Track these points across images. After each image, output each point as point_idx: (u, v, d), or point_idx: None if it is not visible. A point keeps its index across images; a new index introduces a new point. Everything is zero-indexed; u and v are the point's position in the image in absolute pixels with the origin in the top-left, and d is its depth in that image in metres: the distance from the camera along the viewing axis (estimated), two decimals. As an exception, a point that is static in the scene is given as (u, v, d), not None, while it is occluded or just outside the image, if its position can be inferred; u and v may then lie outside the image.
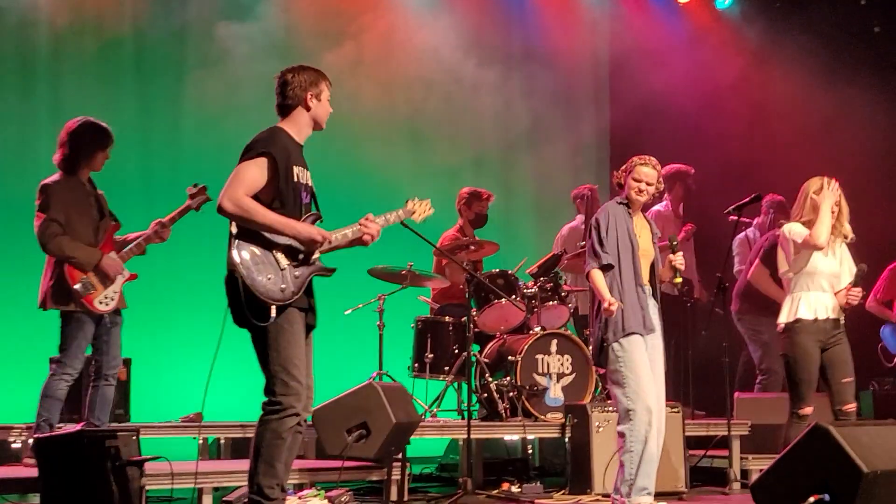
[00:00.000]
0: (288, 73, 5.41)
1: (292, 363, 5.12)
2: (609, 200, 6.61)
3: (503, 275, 8.70)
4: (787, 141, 10.49)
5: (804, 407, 6.68)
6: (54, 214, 6.62)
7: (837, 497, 4.96)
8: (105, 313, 6.65)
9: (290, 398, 5.10)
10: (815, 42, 10.55)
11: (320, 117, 5.45)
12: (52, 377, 6.64)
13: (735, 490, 7.79)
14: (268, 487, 5.12)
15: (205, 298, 9.75)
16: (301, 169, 5.33)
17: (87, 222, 6.74)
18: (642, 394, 6.17)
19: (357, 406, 6.83)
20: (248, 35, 10.62)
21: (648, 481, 6.21)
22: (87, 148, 6.77)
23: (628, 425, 6.20)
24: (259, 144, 5.21)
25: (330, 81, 5.51)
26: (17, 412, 8.08)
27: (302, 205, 5.31)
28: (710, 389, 8.82)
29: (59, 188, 6.72)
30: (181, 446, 7.83)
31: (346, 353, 10.07)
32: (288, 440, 5.14)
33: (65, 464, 5.62)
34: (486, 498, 7.30)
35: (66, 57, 10.01)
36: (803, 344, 6.66)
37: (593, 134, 12.49)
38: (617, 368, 6.23)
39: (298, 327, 5.19)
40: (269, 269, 5.11)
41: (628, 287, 6.31)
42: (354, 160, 10.45)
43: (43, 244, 6.65)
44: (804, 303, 6.70)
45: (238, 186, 5.11)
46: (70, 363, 6.65)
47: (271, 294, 5.07)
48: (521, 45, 12.20)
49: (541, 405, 8.20)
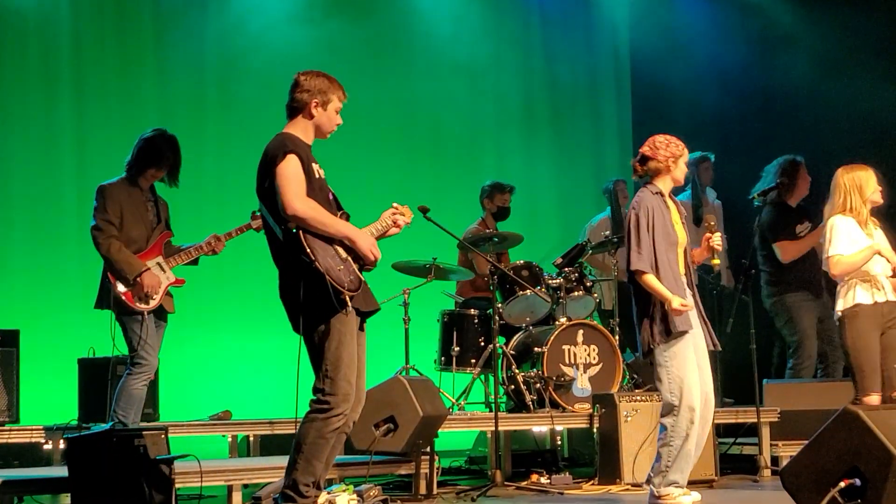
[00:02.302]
0: (301, 76, 5.37)
1: (343, 362, 5.11)
2: (641, 190, 6.36)
3: (528, 266, 8.68)
4: (810, 126, 10.42)
5: (870, 395, 6.57)
6: (108, 216, 6.62)
7: (868, 482, 4.93)
8: (144, 310, 6.62)
9: (338, 398, 5.10)
10: (836, 26, 10.46)
11: (323, 127, 5.38)
12: (128, 376, 6.62)
13: (765, 477, 7.76)
14: (303, 485, 5.12)
15: (233, 297, 9.88)
16: (319, 167, 5.34)
17: (142, 227, 6.74)
18: (687, 392, 6.13)
19: (384, 400, 6.83)
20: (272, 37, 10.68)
21: (680, 476, 6.19)
22: (142, 159, 6.77)
23: (671, 420, 6.17)
24: (279, 148, 5.18)
25: (344, 94, 5.42)
26: (45, 414, 8.14)
27: (330, 202, 5.32)
28: (739, 377, 8.77)
29: (116, 190, 6.72)
30: (211, 444, 7.87)
31: (372, 347, 10.04)
32: (332, 441, 5.14)
33: (94, 463, 5.64)
34: (516, 490, 7.29)
35: (87, 56, 10.06)
36: (864, 329, 6.59)
37: (615, 124, 12.47)
38: (663, 364, 6.18)
39: (352, 328, 5.19)
40: (336, 262, 5.13)
41: (673, 284, 6.20)
42: (374, 151, 10.48)
43: (95, 243, 6.64)
44: (861, 288, 6.64)
45: (296, 189, 5.09)
46: (146, 362, 6.62)
47: (343, 283, 5.07)
48: (541, 34, 12.19)
49: (568, 396, 8.19)
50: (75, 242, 9.60)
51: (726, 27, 11.36)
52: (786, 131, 10.50)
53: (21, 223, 9.57)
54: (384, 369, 8.14)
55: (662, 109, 11.23)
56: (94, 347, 7.66)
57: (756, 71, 11.04)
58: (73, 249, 9.57)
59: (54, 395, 8.65)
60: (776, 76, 10.80)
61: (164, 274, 6.76)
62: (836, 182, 6.75)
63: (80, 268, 9.56)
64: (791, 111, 10.65)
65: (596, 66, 12.45)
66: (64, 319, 9.35)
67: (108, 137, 9.48)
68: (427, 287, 8.66)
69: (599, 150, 12.31)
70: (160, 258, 6.77)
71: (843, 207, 6.67)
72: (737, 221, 9.72)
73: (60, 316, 9.36)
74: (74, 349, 7.80)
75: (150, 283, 6.64)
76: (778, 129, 10.69)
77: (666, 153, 6.27)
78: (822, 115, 10.30)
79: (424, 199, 7.15)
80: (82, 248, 9.55)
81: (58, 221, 9.68)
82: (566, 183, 11.98)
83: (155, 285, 6.66)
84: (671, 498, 6.18)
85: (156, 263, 6.74)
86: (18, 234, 9.57)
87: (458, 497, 6.96)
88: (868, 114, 9.88)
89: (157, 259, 6.77)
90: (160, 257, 6.78)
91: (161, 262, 6.77)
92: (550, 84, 12.19)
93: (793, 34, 10.77)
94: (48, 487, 6.35)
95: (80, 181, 9.69)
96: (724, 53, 11.20)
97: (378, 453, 6.76)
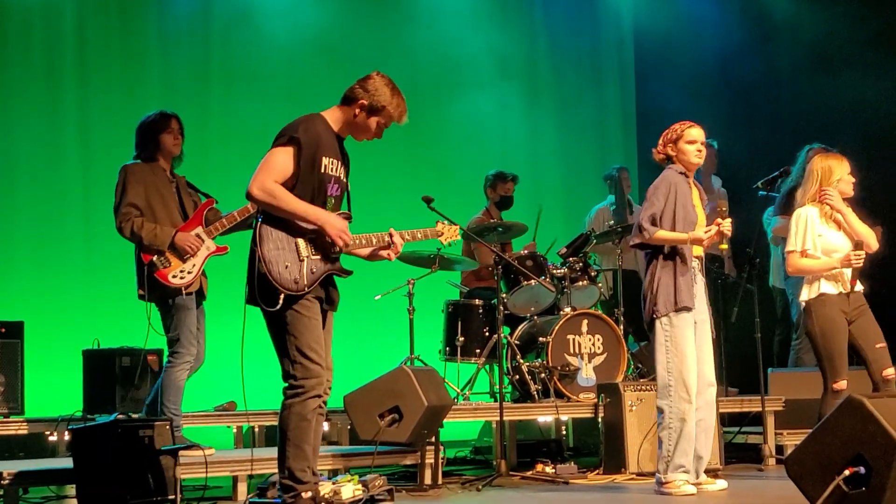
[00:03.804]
0: (376, 74, 5.33)
1: (310, 346, 5.12)
2: (666, 169, 6.45)
3: (532, 256, 8.68)
4: (814, 112, 10.39)
5: (839, 380, 6.61)
6: (130, 197, 6.49)
7: (873, 470, 4.92)
8: (180, 287, 6.48)
9: (311, 381, 5.11)
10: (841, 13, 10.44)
11: (355, 130, 5.35)
12: (169, 367, 6.53)
13: (770, 466, 7.76)
14: (299, 471, 5.13)
15: (237, 287, 9.86)
16: (331, 160, 5.26)
17: (171, 204, 6.60)
18: (685, 371, 6.17)
19: (389, 390, 6.83)
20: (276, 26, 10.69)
21: (686, 459, 6.21)
22: (149, 134, 6.68)
23: (667, 402, 6.20)
24: (290, 130, 5.18)
25: (402, 117, 5.32)
26: (50, 405, 8.16)
27: (327, 196, 5.26)
28: (743, 366, 8.77)
29: (138, 169, 6.59)
30: (216, 435, 7.89)
31: (377, 338, 10.11)
32: (313, 422, 5.14)
33: (99, 454, 5.65)
34: (521, 479, 7.29)
35: (91, 49, 10.07)
36: (831, 315, 6.60)
37: (619, 112, 12.47)
38: (662, 342, 6.22)
39: (314, 312, 5.18)
40: (288, 257, 5.11)
41: (684, 260, 6.25)
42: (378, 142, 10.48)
43: (117, 226, 6.50)
44: (825, 279, 6.62)
45: (267, 173, 5.10)
46: (185, 349, 6.53)
47: (283, 283, 5.07)
48: (545, 23, 12.19)
49: (573, 385, 8.19)
50: (79, 235, 9.64)
51: (730, 13, 11.34)
52: (790, 118, 10.48)
53: (25, 215, 9.58)
54: (389, 360, 8.15)
55: (666, 97, 11.19)
56: (99, 339, 7.69)
57: (759, 57, 11.01)
58: (77, 242, 9.60)
59: (59, 387, 8.66)
60: (780, 62, 10.77)
61: (204, 244, 6.59)
62: (810, 168, 6.75)
63: (84, 260, 9.60)
64: (796, 97, 10.63)
65: (600, 54, 12.46)
66: (68, 311, 9.37)
67: (112, 131, 9.48)
68: (432, 277, 8.65)
69: (603, 137, 12.30)
70: (200, 228, 6.61)
71: (813, 197, 6.67)
72: (740, 208, 9.70)
73: (65, 308, 9.39)
74: (79, 341, 7.82)
75: (187, 241, 6.46)
76: (783, 115, 10.66)
77: (663, 141, 6.45)
78: (827, 99, 10.26)
79: (428, 188, 7.16)
80: (86, 241, 9.62)
81: (62, 214, 9.70)
82: (570, 172, 11.99)
83: (193, 242, 6.49)
84: (675, 486, 6.20)
85: (195, 235, 6.57)
86: (23, 227, 9.58)
87: (463, 487, 6.96)
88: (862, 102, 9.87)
89: (197, 230, 6.60)
90: (200, 227, 6.61)
91: (200, 233, 6.60)
92: (554, 71, 12.19)
93: (791, 20, 10.75)
94: (53, 478, 6.36)
95: (85, 174, 9.72)
96: (727, 39, 11.18)
97: (383, 443, 6.76)
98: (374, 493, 5.94)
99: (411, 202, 7.24)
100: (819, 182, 6.64)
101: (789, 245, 6.66)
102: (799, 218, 6.64)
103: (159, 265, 6.46)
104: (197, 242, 6.53)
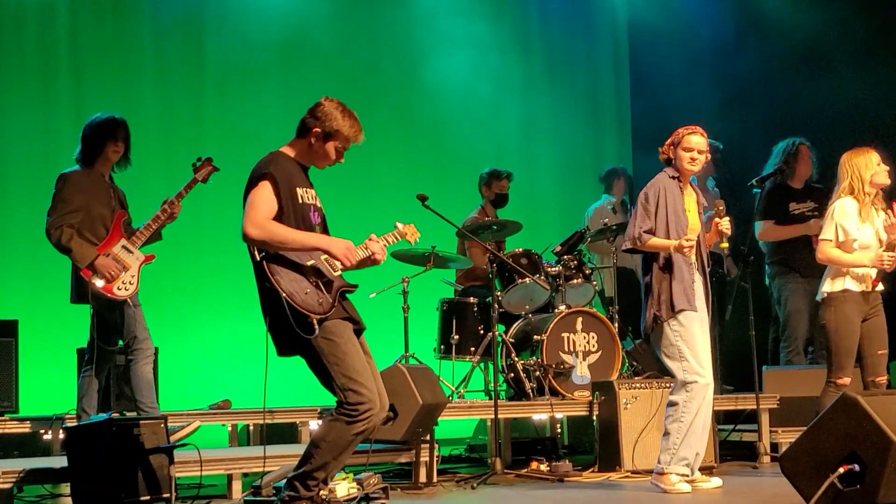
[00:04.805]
0: (324, 100, 5.32)
1: (356, 370, 5.08)
2: (660, 172, 6.49)
3: (527, 254, 8.68)
4: (810, 108, 10.38)
5: (843, 377, 6.62)
6: (66, 206, 6.59)
7: (867, 467, 4.93)
8: (126, 298, 6.60)
9: (365, 405, 5.05)
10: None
11: (315, 158, 5.34)
12: (133, 365, 6.61)
13: (765, 463, 7.77)
14: (312, 479, 5.12)
15: (231, 286, 9.86)
16: (305, 189, 5.27)
17: (107, 214, 6.70)
18: (700, 367, 6.21)
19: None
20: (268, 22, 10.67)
21: (690, 452, 6.26)
22: (95, 140, 6.75)
23: (684, 396, 6.23)
24: (260, 169, 5.18)
25: (358, 137, 5.33)
26: (44, 404, 8.14)
27: (312, 225, 5.26)
28: (738, 364, 8.77)
29: (77, 178, 6.70)
30: (211, 434, 7.87)
31: (372, 336, 10.05)
32: (353, 444, 5.11)
33: (94, 452, 5.65)
34: (516, 477, 7.30)
35: (85, 43, 10.06)
36: (848, 314, 6.62)
37: (614, 111, 12.47)
38: (674, 343, 6.25)
39: (349, 335, 5.17)
40: (303, 285, 5.10)
41: (678, 264, 6.29)
42: (373, 140, 10.49)
43: (46, 230, 6.61)
44: (851, 277, 6.63)
45: (257, 212, 5.07)
46: (144, 344, 6.62)
47: (310, 307, 5.05)
48: (539, 19, 12.19)
49: (568, 383, 8.19)
50: (74, 233, 9.59)
51: (724, 7, 11.33)
52: (786, 114, 10.47)
53: (20, 213, 9.55)
54: (384, 358, 8.14)
55: (661, 95, 11.19)
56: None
57: (753, 51, 10.99)
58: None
59: (53, 386, 8.65)
60: (774, 55, 10.75)
61: (133, 255, 6.68)
62: (841, 166, 6.78)
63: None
64: (791, 94, 10.62)
65: (594, 51, 12.45)
66: (63, 309, 9.29)
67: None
68: (426, 275, 8.65)
69: (598, 135, 12.29)
70: (124, 240, 6.69)
71: (849, 190, 6.69)
72: (736, 206, 9.70)
73: (59, 306, 9.32)
74: (73, 339, 7.80)
75: (106, 267, 6.56)
76: (777, 109, 10.66)
77: (667, 142, 6.49)
78: (822, 96, 10.26)
79: (423, 187, 7.16)
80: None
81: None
82: (566, 168, 11.99)
83: (112, 268, 6.58)
84: (670, 483, 6.21)
85: (121, 247, 6.67)
86: (17, 225, 9.55)
87: (457, 485, 6.97)
88: (856, 96, 9.86)
89: (122, 242, 6.69)
90: (123, 240, 6.70)
91: (126, 245, 6.68)
92: (548, 68, 12.18)
93: (785, 14, 10.73)
94: (48, 477, 6.34)
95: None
96: (722, 34, 11.17)
97: (378, 441, 6.74)
98: (368, 492, 5.93)
99: (407, 201, 7.24)
100: (851, 177, 6.65)
101: (824, 234, 6.68)
102: (834, 210, 6.67)
103: (104, 282, 6.58)
104: (116, 269, 6.60)
